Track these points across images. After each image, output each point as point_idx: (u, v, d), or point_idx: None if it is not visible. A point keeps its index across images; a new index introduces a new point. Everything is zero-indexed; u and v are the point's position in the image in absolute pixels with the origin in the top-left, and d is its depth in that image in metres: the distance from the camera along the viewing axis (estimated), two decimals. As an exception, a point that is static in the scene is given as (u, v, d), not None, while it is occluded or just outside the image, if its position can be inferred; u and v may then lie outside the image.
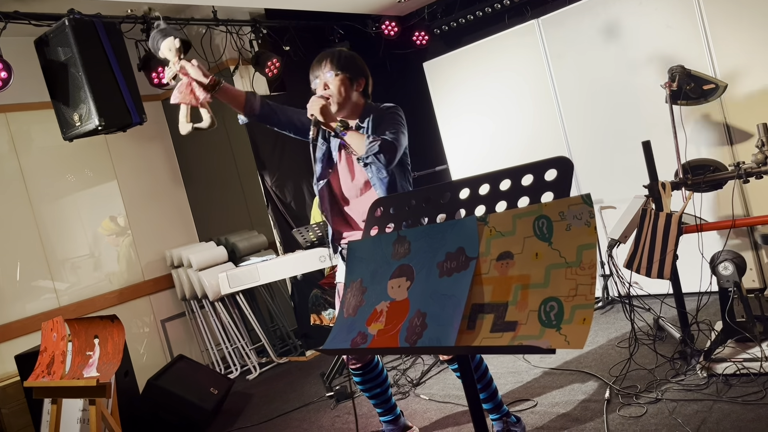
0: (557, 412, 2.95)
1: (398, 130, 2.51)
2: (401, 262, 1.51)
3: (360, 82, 2.64)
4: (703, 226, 3.12)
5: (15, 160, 4.60)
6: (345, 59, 2.60)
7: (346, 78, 2.58)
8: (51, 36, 3.58)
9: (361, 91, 2.66)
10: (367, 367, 2.81)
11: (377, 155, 2.41)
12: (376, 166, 2.50)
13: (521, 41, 4.68)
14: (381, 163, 2.44)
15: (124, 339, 2.83)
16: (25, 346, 4.09)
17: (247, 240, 5.36)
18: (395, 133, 2.49)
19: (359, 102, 2.65)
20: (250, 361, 5.02)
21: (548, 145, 4.62)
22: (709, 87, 3.32)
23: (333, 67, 2.57)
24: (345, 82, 2.58)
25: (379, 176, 2.54)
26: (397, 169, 2.59)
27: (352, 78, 2.60)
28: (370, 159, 2.43)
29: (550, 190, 1.36)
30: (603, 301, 4.41)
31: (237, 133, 5.38)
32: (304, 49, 5.26)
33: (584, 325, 1.16)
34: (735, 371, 2.81)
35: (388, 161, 2.43)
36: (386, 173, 2.53)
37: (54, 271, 4.68)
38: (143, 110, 3.76)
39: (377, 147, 2.40)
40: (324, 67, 2.58)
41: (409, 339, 1.38)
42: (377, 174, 2.54)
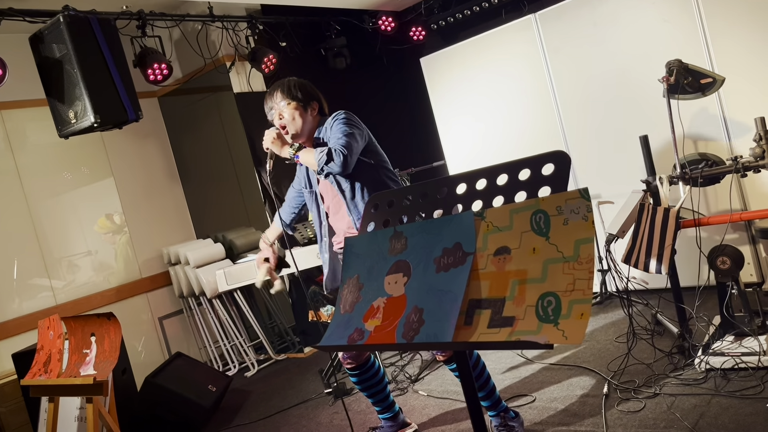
0: (555, 407, 2.95)
1: (346, 133, 2.56)
2: (398, 258, 1.50)
3: (313, 105, 2.73)
4: (701, 220, 3.12)
5: (11, 158, 4.58)
6: (294, 88, 2.70)
7: (299, 105, 2.68)
8: (46, 33, 3.56)
9: (317, 113, 2.74)
10: (363, 367, 2.81)
11: (328, 164, 2.48)
12: (337, 176, 2.59)
13: (518, 36, 4.67)
14: (336, 171, 2.50)
15: (120, 336, 2.82)
16: (22, 344, 4.08)
17: (244, 237, 5.35)
18: (344, 137, 2.54)
19: (314, 125, 2.73)
20: (248, 358, 5.01)
21: (545, 139, 4.61)
22: (706, 81, 3.31)
23: (285, 97, 2.67)
24: (298, 109, 2.67)
25: (343, 187, 2.64)
26: (365, 171, 2.63)
27: (304, 104, 2.69)
28: (324, 170, 2.51)
29: (547, 184, 1.35)
30: (601, 296, 4.41)
31: (233, 130, 5.37)
32: (300, 45, 5.24)
33: (582, 320, 1.16)
34: (733, 365, 2.81)
35: (342, 166, 2.48)
36: (346, 182, 2.62)
37: (51, 269, 4.67)
38: (139, 107, 3.75)
39: (325, 156, 2.48)
40: (276, 97, 2.69)
41: (406, 335, 1.38)
42: (341, 186, 2.63)
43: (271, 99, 2.71)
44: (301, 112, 2.67)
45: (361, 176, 2.62)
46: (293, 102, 2.67)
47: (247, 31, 5.05)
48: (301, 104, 2.67)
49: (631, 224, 3.19)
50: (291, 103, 2.66)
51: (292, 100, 2.67)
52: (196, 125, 5.68)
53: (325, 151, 2.48)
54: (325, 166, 2.48)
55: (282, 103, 2.67)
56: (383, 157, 2.72)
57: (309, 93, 2.72)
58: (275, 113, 2.69)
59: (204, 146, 5.65)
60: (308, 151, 2.58)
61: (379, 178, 2.67)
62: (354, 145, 2.54)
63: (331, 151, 2.48)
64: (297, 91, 2.69)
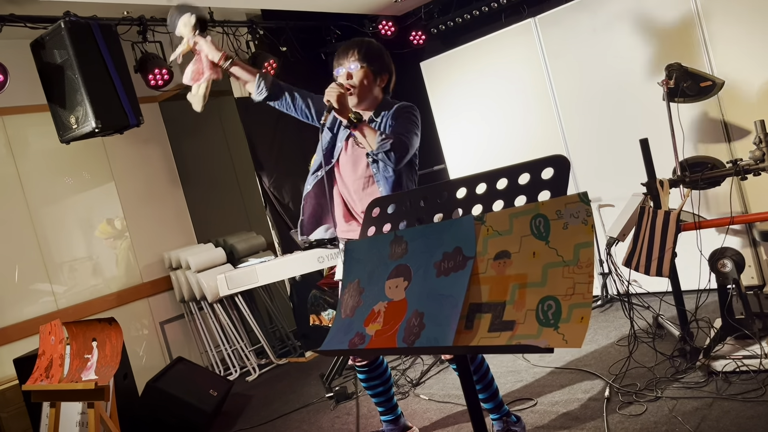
0: (557, 411, 2.95)
1: (411, 131, 2.49)
2: (398, 263, 1.50)
3: (383, 77, 2.60)
4: (702, 223, 3.12)
5: (12, 164, 4.59)
6: (372, 52, 2.56)
7: (370, 71, 2.55)
8: (47, 39, 3.57)
9: (383, 87, 2.63)
10: (372, 364, 2.80)
11: (388, 153, 2.38)
12: (384, 164, 2.46)
13: (518, 40, 4.68)
14: (390, 162, 2.40)
15: (122, 341, 2.83)
16: (24, 349, 4.08)
17: (245, 241, 5.35)
18: (408, 133, 2.46)
19: (378, 96, 2.61)
20: (250, 362, 5.01)
21: (545, 143, 4.62)
22: (706, 84, 3.31)
23: (359, 58, 2.53)
24: (368, 76, 2.54)
25: (385, 174, 2.51)
26: (405, 169, 2.56)
27: (376, 72, 2.57)
28: (380, 156, 2.40)
29: (547, 188, 1.36)
30: (602, 300, 4.41)
31: (234, 134, 5.38)
32: (301, 50, 5.25)
33: (582, 324, 1.16)
34: (734, 369, 2.81)
35: (398, 160, 2.41)
36: (392, 172, 2.50)
37: (52, 274, 4.67)
38: (140, 112, 3.75)
39: (389, 145, 2.37)
40: (350, 56, 2.54)
41: (407, 339, 1.38)
42: (383, 172, 2.51)
43: (345, 57, 2.55)
44: (370, 80, 2.54)
45: (403, 173, 2.55)
46: (366, 66, 2.52)
47: (247, 36, 5.06)
48: (373, 71, 2.55)
49: (631, 227, 3.19)
50: (364, 67, 2.52)
51: (366, 64, 2.52)
52: (196, 130, 5.69)
53: (391, 139, 2.38)
54: (384, 153, 2.37)
55: (354, 65, 2.52)
56: (417, 161, 2.67)
57: (384, 63, 2.59)
58: (344, 71, 2.54)
59: (205, 151, 5.66)
60: (370, 129, 2.42)
61: (412, 179, 2.63)
62: (416, 145, 2.49)
63: (397, 141, 2.38)
64: (374, 56, 2.55)
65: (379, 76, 2.58)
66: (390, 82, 2.65)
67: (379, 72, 2.58)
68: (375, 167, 2.52)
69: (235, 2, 4.55)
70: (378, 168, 2.51)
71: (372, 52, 2.56)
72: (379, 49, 2.60)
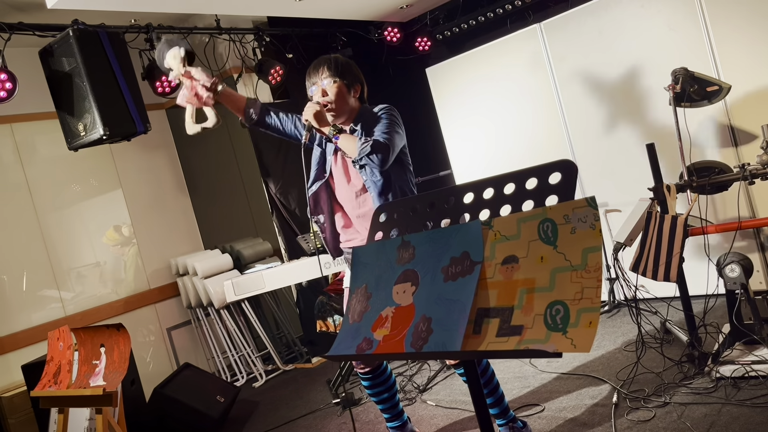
0: (565, 416, 2.93)
1: (391, 130, 2.52)
2: (406, 267, 1.50)
3: (356, 88, 2.67)
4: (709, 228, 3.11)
5: (20, 171, 4.62)
6: (342, 66, 2.62)
7: (343, 84, 2.61)
8: (55, 46, 3.60)
9: (358, 97, 2.69)
10: (375, 371, 2.80)
11: (369, 156, 2.43)
12: (371, 168, 2.51)
13: (523, 45, 4.69)
14: (375, 164, 2.45)
15: (130, 347, 2.83)
16: (32, 355, 4.09)
17: (251, 247, 5.36)
18: (388, 133, 2.50)
19: (355, 107, 2.67)
20: (256, 368, 5.01)
21: (552, 148, 4.62)
22: (712, 89, 3.31)
23: (330, 74, 2.59)
24: (342, 89, 2.60)
25: (373, 179, 2.55)
26: (395, 169, 2.59)
27: (348, 84, 2.63)
28: (364, 160, 2.45)
29: (554, 193, 1.35)
30: (609, 305, 4.39)
31: (241, 141, 5.40)
32: (307, 57, 5.27)
33: (590, 329, 1.16)
34: (743, 374, 2.79)
35: (382, 161, 2.44)
36: (379, 175, 2.53)
37: (60, 281, 4.69)
38: (147, 119, 3.78)
39: (369, 147, 2.42)
40: (321, 73, 2.61)
41: (414, 344, 1.38)
42: (371, 177, 2.55)
43: (316, 74, 2.62)
44: (344, 92, 2.60)
45: (393, 173, 2.58)
46: (339, 80, 2.59)
47: (254, 43, 5.08)
48: (345, 83, 2.61)
49: (638, 232, 3.18)
50: (336, 81, 2.58)
51: (339, 78, 2.59)
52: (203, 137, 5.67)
53: (370, 142, 2.42)
54: (366, 156, 2.42)
55: (327, 81, 2.59)
56: (410, 161, 2.70)
57: (354, 74, 2.65)
58: (317, 89, 2.60)
59: (212, 158, 5.68)
60: (349, 137, 2.50)
61: (405, 179, 2.64)
62: (397, 143, 2.52)
63: (377, 143, 2.42)
64: (344, 69, 2.61)
65: (352, 87, 2.65)
66: (363, 91, 2.72)
67: (351, 84, 2.64)
68: (363, 173, 2.57)
69: (241, 10, 4.58)
70: (366, 174, 2.56)
71: (341, 65, 2.63)
72: (347, 63, 2.67)
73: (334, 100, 2.58)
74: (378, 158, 2.43)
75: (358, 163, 2.48)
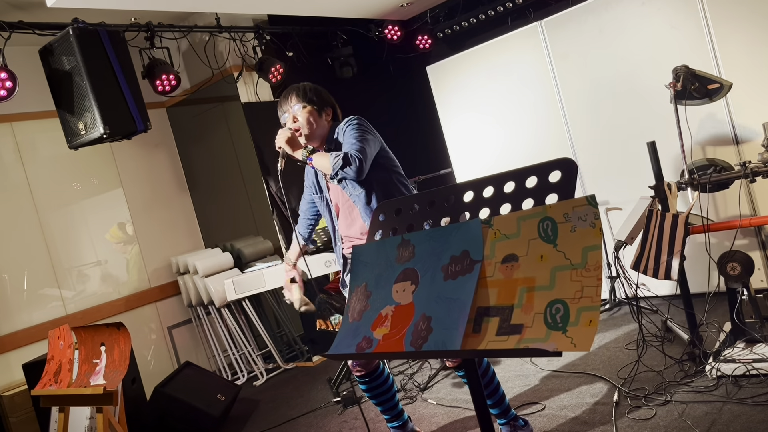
0: (565, 415, 2.93)
1: (360, 138, 2.55)
2: (406, 266, 1.50)
3: (327, 111, 2.73)
4: (710, 226, 3.10)
5: (21, 169, 4.62)
6: (310, 91, 2.71)
7: (314, 109, 2.68)
8: (55, 45, 3.60)
9: (330, 119, 2.75)
10: (372, 374, 2.81)
11: (343, 169, 2.47)
12: (350, 182, 2.58)
13: (524, 43, 4.68)
14: (351, 176, 2.50)
15: (130, 346, 2.83)
16: (32, 354, 4.10)
17: (252, 246, 5.36)
18: (358, 142, 2.53)
19: (327, 129, 2.73)
20: (257, 367, 5.01)
21: (553, 146, 4.61)
22: (713, 86, 3.30)
23: (300, 100, 2.68)
24: (313, 113, 2.68)
25: (355, 192, 2.62)
26: (378, 176, 2.62)
27: (319, 109, 2.70)
28: (339, 174, 2.50)
29: (554, 191, 1.35)
30: (610, 303, 4.39)
31: (241, 140, 5.39)
32: (307, 55, 5.27)
33: (590, 327, 1.16)
34: (744, 372, 2.79)
35: (357, 171, 2.48)
36: (360, 188, 2.59)
37: (60, 280, 4.69)
38: (147, 117, 3.78)
39: (341, 161, 2.48)
40: (291, 101, 2.69)
41: (414, 343, 1.38)
42: (353, 191, 2.62)
43: (286, 102, 2.71)
44: (315, 117, 2.67)
45: (375, 181, 2.61)
46: (308, 106, 2.67)
47: (254, 41, 5.08)
48: (315, 108, 2.68)
49: (639, 231, 3.18)
50: (306, 106, 2.67)
51: (308, 104, 2.67)
52: (204, 135, 5.71)
53: (341, 155, 2.48)
54: (340, 170, 2.48)
55: (297, 107, 2.67)
56: (395, 162, 2.72)
57: (324, 98, 2.73)
58: (289, 116, 2.69)
59: (212, 156, 5.67)
60: (322, 155, 2.58)
61: (391, 183, 2.67)
62: (368, 150, 2.54)
63: (346, 156, 2.47)
64: (312, 95, 2.69)
65: (323, 111, 2.71)
66: (336, 113, 2.78)
67: (321, 107, 2.71)
68: (346, 189, 2.63)
69: (241, 8, 4.58)
70: (348, 189, 2.63)
71: (310, 91, 2.71)
72: (316, 88, 2.75)
73: (305, 124, 2.65)
74: (352, 169, 2.48)
75: (335, 178, 2.54)
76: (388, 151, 2.71)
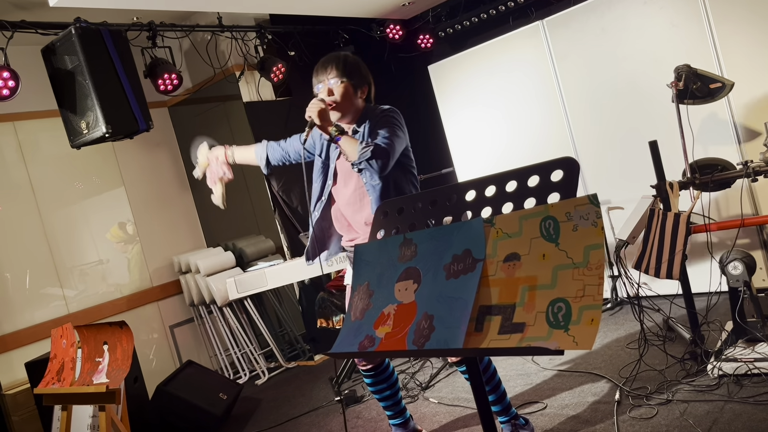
0: (567, 414, 2.94)
1: (393, 134, 2.49)
2: (408, 265, 1.51)
3: (363, 89, 2.64)
4: (712, 225, 3.10)
5: (23, 168, 4.63)
6: (350, 66, 2.59)
7: (350, 85, 2.58)
8: (58, 44, 3.61)
9: (364, 98, 2.66)
10: (378, 368, 2.80)
11: (369, 161, 2.40)
12: (370, 172, 2.49)
13: (526, 43, 4.68)
14: (374, 169, 2.43)
15: (133, 345, 2.84)
16: (35, 353, 4.11)
17: (254, 245, 5.37)
18: (389, 138, 2.47)
19: (360, 107, 2.64)
20: (259, 366, 5.02)
21: (555, 145, 4.61)
22: (715, 86, 3.30)
23: (338, 74, 2.56)
24: (349, 89, 2.57)
25: (372, 183, 2.53)
26: (396, 173, 2.57)
27: (356, 85, 2.60)
28: (363, 165, 2.43)
29: (556, 191, 1.36)
30: (612, 302, 4.39)
31: (243, 138, 5.40)
32: (309, 54, 5.27)
33: (592, 326, 1.16)
34: (746, 371, 2.79)
35: (381, 167, 2.42)
36: (378, 180, 2.52)
37: (63, 279, 4.70)
38: (150, 117, 3.78)
39: (369, 152, 2.40)
40: (329, 72, 2.58)
41: (416, 342, 1.38)
42: (370, 180, 2.53)
43: (324, 72, 2.58)
44: (350, 93, 2.57)
45: (392, 177, 2.56)
46: (346, 81, 2.56)
47: (256, 40, 5.08)
48: (352, 85, 2.58)
49: (641, 230, 3.18)
50: (344, 81, 2.55)
51: (346, 78, 2.56)
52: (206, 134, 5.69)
53: (371, 147, 2.40)
54: (366, 162, 2.40)
55: (334, 80, 2.55)
56: (413, 164, 2.67)
57: (362, 75, 2.63)
58: (324, 87, 2.57)
59: (214, 155, 5.67)
60: (351, 139, 2.46)
61: (406, 182, 2.63)
62: (398, 148, 2.50)
63: (377, 149, 2.40)
64: (352, 69, 2.58)
65: (359, 88, 2.62)
66: (370, 92, 2.70)
67: (359, 85, 2.61)
68: (363, 177, 2.55)
69: (243, 7, 4.58)
70: (366, 177, 2.54)
71: (350, 65, 2.60)
72: (357, 62, 2.64)
73: (339, 100, 2.56)
74: (378, 164, 2.41)
75: (357, 166, 2.46)
76: (410, 150, 2.65)
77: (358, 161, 2.42)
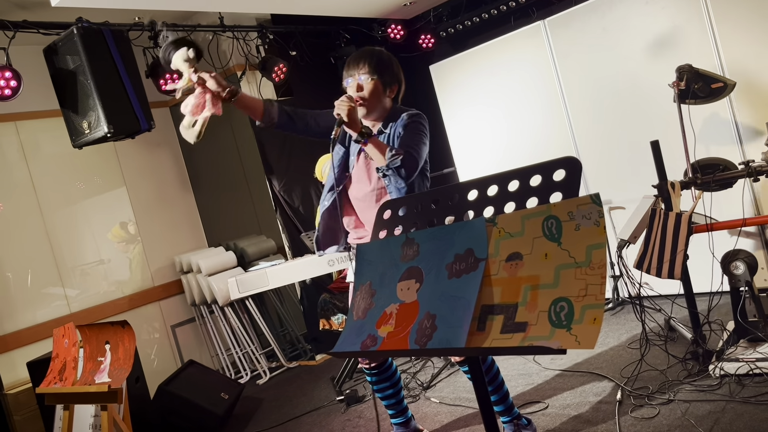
0: (569, 413, 2.94)
1: (420, 142, 2.47)
2: (410, 265, 1.51)
3: (393, 88, 2.60)
4: (714, 225, 3.10)
5: (25, 168, 4.64)
6: (382, 63, 2.55)
7: (380, 83, 2.53)
8: (60, 44, 3.61)
9: (393, 97, 2.62)
10: (381, 367, 2.80)
11: (398, 169, 2.36)
12: (395, 178, 2.45)
13: (527, 42, 4.68)
14: (401, 177, 2.39)
15: (134, 344, 2.84)
16: (37, 352, 4.11)
17: (255, 245, 5.37)
18: (417, 146, 2.45)
19: (387, 107, 2.61)
20: (260, 365, 5.02)
21: (556, 145, 4.61)
22: (717, 86, 3.30)
23: (369, 70, 2.52)
24: (378, 87, 2.53)
25: (397, 185, 2.48)
26: (417, 177, 2.54)
27: (386, 83, 2.56)
28: (390, 172, 2.39)
29: (558, 190, 1.36)
30: (613, 302, 4.39)
31: (244, 138, 5.40)
32: (310, 54, 5.27)
33: (595, 325, 1.16)
34: (748, 371, 2.79)
35: (408, 175, 2.40)
36: (404, 183, 2.47)
37: (64, 278, 4.70)
38: (151, 117, 3.78)
39: (399, 161, 2.36)
40: (361, 68, 2.53)
41: (419, 341, 1.38)
42: (395, 183, 2.48)
43: (355, 67, 2.53)
44: (380, 91, 2.53)
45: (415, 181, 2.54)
46: (376, 78, 2.51)
47: (257, 40, 5.08)
48: (382, 83, 2.54)
49: (642, 230, 3.18)
50: (374, 79, 2.51)
51: (377, 76, 2.51)
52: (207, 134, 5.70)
53: (401, 156, 2.36)
54: (395, 170, 2.36)
55: (365, 76, 2.51)
56: (428, 166, 2.66)
57: (394, 74, 2.59)
58: (353, 83, 2.51)
59: (215, 155, 5.68)
60: (379, 144, 2.40)
61: (423, 186, 2.61)
62: (425, 155, 2.48)
63: (407, 158, 2.37)
64: (384, 68, 2.53)
65: (389, 87, 2.58)
66: (400, 92, 2.65)
67: (389, 83, 2.57)
68: (387, 179, 2.50)
69: (245, 7, 4.58)
70: (390, 180, 2.49)
71: (382, 63, 2.54)
72: (389, 60, 2.59)
73: (367, 97, 2.51)
74: (405, 172, 2.37)
75: (383, 171, 2.41)
76: (427, 155, 2.62)
77: (386, 168, 2.38)
